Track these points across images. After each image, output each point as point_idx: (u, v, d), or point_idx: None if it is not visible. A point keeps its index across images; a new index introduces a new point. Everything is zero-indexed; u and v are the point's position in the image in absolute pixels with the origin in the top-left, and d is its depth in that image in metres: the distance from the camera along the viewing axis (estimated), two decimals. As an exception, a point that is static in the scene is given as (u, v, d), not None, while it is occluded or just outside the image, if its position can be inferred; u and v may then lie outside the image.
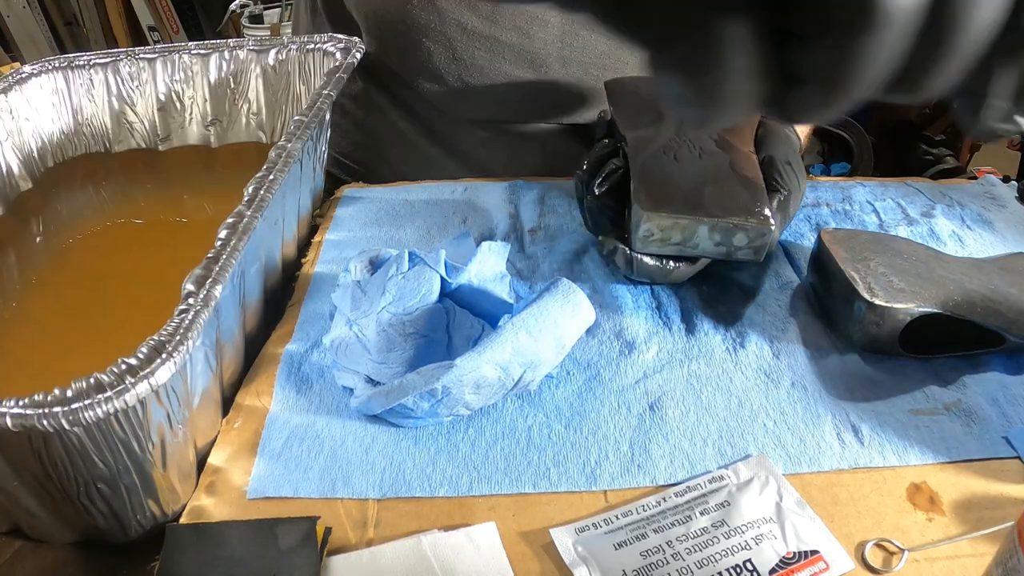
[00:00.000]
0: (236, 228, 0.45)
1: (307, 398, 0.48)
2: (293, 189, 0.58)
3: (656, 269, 0.52)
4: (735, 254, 0.51)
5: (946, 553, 0.38)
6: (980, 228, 0.61)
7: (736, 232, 0.50)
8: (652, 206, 0.50)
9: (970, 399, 0.46)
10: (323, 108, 0.59)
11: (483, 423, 0.46)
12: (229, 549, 0.38)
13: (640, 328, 0.52)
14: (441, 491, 0.42)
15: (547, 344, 0.44)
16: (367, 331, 0.49)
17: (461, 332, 0.50)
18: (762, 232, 0.50)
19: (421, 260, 0.51)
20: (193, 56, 0.72)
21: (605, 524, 0.40)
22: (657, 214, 0.50)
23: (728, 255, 0.51)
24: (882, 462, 0.43)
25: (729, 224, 0.50)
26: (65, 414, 0.33)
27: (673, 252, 0.52)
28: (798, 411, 0.46)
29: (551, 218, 0.63)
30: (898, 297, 0.47)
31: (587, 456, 0.44)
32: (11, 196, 0.65)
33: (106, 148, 0.72)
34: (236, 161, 0.73)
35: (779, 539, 0.38)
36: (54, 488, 0.38)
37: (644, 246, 0.52)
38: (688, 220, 0.50)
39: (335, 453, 0.44)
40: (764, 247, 0.51)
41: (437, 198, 0.67)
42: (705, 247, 0.51)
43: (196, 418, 0.42)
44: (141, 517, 0.41)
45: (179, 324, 0.38)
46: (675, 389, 0.48)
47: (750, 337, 0.51)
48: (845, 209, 0.63)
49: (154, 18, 2.67)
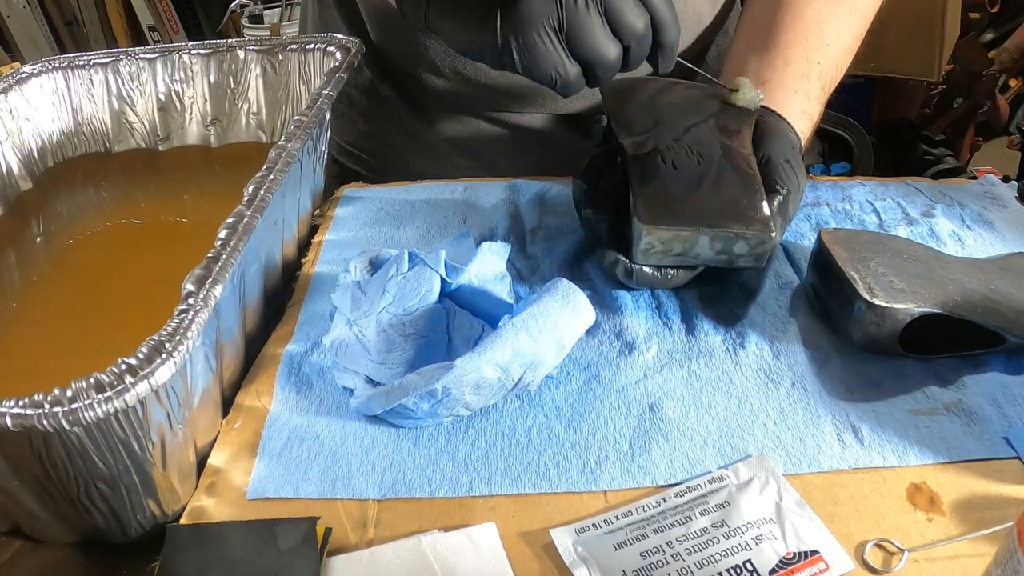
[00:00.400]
0: (236, 228, 0.45)
1: (307, 399, 0.48)
2: (293, 189, 0.58)
3: (656, 279, 0.52)
4: (736, 262, 0.51)
5: (946, 553, 0.38)
6: (980, 228, 0.61)
7: (737, 241, 0.50)
8: (652, 219, 0.50)
9: (970, 399, 0.46)
10: (323, 108, 0.59)
11: (483, 423, 0.46)
12: (229, 549, 0.38)
13: (640, 328, 0.52)
14: (441, 491, 0.42)
15: (547, 345, 0.44)
16: (367, 331, 0.49)
17: (461, 333, 0.50)
18: (763, 240, 0.50)
19: (421, 260, 0.51)
20: (193, 56, 0.72)
21: (605, 524, 0.40)
22: (657, 227, 0.50)
23: (729, 263, 0.51)
24: (882, 462, 0.43)
25: (730, 233, 0.50)
26: (65, 414, 0.33)
27: (674, 263, 0.52)
28: (798, 411, 0.46)
29: (551, 218, 0.63)
30: (898, 297, 0.47)
31: (587, 456, 0.44)
32: (11, 196, 0.65)
33: (106, 148, 0.72)
34: (236, 161, 0.73)
35: (779, 539, 0.38)
36: (54, 488, 0.38)
37: (645, 258, 0.51)
38: (689, 232, 0.50)
39: (335, 453, 0.44)
40: (765, 254, 0.51)
41: (437, 198, 0.67)
42: (706, 256, 0.51)
43: (196, 418, 0.42)
44: (141, 517, 0.41)
45: (179, 324, 0.38)
46: (675, 389, 0.48)
47: (750, 337, 0.51)
48: (845, 209, 0.63)
49: (154, 18, 2.67)
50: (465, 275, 0.51)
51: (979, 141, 1.97)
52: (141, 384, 0.35)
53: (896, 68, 1.66)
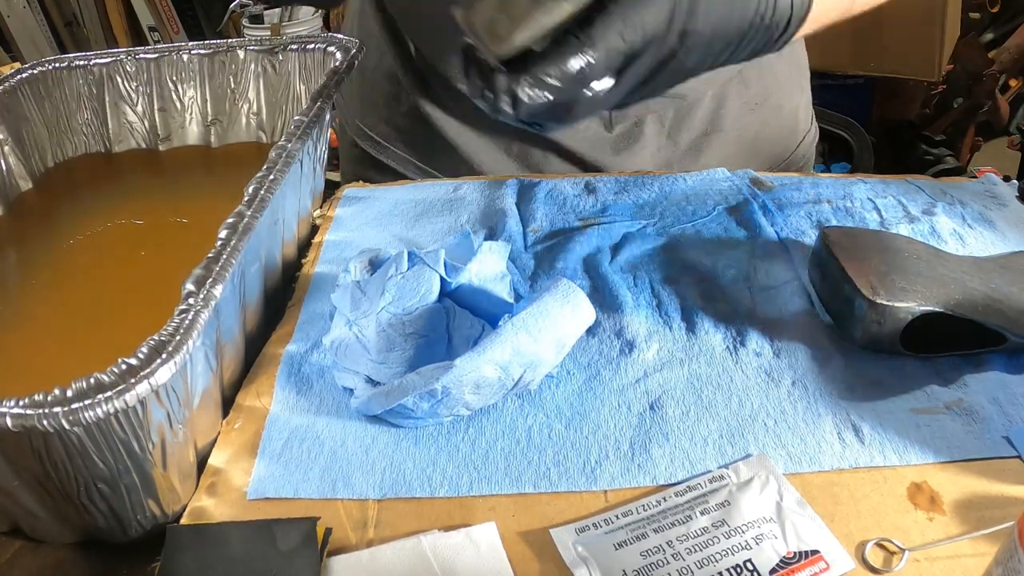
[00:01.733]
0: (236, 228, 0.45)
1: (307, 399, 0.48)
2: (293, 189, 0.58)
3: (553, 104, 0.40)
4: None
5: (947, 553, 0.38)
6: (981, 227, 0.61)
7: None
8: None
9: (971, 398, 0.46)
10: (323, 108, 0.59)
11: (483, 423, 0.46)
12: (229, 550, 0.38)
13: (640, 327, 0.52)
14: (441, 491, 0.42)
15: (547, 344, 0.44)
16: (367, 331, 0.49)
17: (461, 332, 0.50)
18: None
19: (420, 260, 0.51)
20: (193, 56, 0.72)
21: (605, 524, 0.40)
22: None
23: None
24: (883, 461, 0.43)
25: None
26: (65, 414, 0.33)
27: None
28: (799, 410, 0.46)
29: (552, 217, 0.63)
30: (899, 296, 0.47)
31: (587, 456, 0.44)
32: (11, 196, 0.65)
33: (106, 148, 0.72)
34: (236, 161, 0.73)
35: (779, 539, 0.38)
36: (54, 488, 0.38)
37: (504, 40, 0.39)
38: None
39: (335, 453, 0.44)
40: None
41: (437, 198, 0.67)
42: None
43: (196, 418, 0.42)
44: (141, 517, 0.41)
45: (179, 324, 0.38)
46: (675, 388, 0.48)
47: (750, 336, 0.51)
48: (846, 206, 0.63)
49: (154, 18, 2.67)
50: (465, 274, 0.51)
51: (979, 141, 1.97)
52: (141, 384, 0.35)
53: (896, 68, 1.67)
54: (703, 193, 0.65)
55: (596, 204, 0.65)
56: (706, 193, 0.65)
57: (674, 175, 0.67)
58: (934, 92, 1.85)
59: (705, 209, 0.63)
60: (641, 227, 0.62)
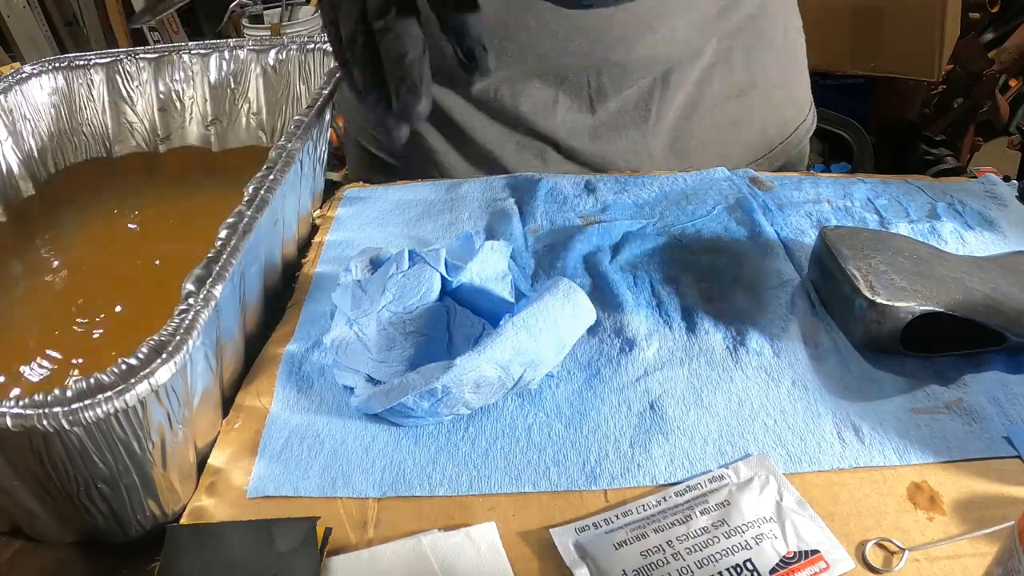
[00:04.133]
0: (236, 228, 0.45)
1: (307, 398, 0.48)
2: (293, 189, 0.58)
3: None
4: None
5: (947, 553, 0.38)
6: (981, 227, 0.61)
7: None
8: None
9: (971, 398, 0.46)
10: (323, 108, 0.59)
11: (483, 422, 0.46)
12: (229, 550, 0.38)
13: (640, 326, 0.52)
14: (441, 490, 0.42)
15: (547, 344, 0.44)
16: (367, 330, 0.49)
17: (461, 331, 0.50)
18: None
19: (421, 259, 0.51)
20: (193, 56, 0.72)
21: (605, 524, 0.40)
22: None
23: None
24: (883, 461, 0.43)
25: None
26: (65, 414, 0.33)
27: None
28: (798, 410, 0.46)
29: (553, 216, 0.63)
30: (899, 295, 0.47)
31: (587, 455, 0.44)
32: (11, 196, 0.65)
33: (106, 148, 0.72)
34: (236, 161, 0.73)
35: (779, 539, 0.38)
36: (54, 488, 0.38)
37: None
38: None
39: (335, 452, 0.44)
40: None
41: (437, 198, 0.67)
42: None
43: (196, 418, 0.42)
44: (141, 517, 0.41)
45: (179, 324, 0.38)
46: (675, 388, 0.48)
47: (751, 335, 0.51)
48: (846, 206, 0.63)
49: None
50: (466, 273, 0.51)
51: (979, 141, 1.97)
52: (141, 384, 0.35)
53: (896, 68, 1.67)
54: (703, 192, 0.65)
55: (596, 204, 0.65)
56: (706, 193, 0.65)
57: (674, 174, 0.67)
58: (934, 92, 1.85)
59: (705, 208, 0.63)
60: (641, 226, 0.62)
